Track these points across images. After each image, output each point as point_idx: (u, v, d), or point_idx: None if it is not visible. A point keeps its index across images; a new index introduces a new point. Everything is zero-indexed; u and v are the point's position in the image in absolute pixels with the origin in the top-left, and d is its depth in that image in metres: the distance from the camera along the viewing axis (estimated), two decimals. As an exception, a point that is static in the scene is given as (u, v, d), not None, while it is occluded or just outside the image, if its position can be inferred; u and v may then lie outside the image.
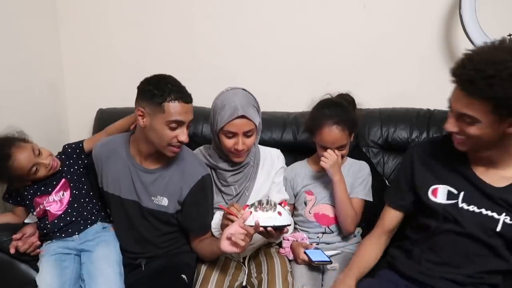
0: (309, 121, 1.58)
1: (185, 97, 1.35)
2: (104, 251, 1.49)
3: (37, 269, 1.47)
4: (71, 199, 1.54)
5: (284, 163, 1.69)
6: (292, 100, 1.99)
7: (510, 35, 1.70)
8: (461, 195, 1.22)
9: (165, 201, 1.46)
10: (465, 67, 1.06)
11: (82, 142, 1.63)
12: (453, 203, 1.22)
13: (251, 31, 2.04)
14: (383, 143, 1.87)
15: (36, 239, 1.52)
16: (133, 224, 1.49)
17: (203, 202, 1.49)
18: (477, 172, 1.21)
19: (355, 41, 2.00)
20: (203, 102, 1.63)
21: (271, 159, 1.65)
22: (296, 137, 1.89)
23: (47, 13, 2.04)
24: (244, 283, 1.50)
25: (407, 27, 1.95)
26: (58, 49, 2.12)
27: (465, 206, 1.21)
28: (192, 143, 1.53)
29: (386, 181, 1.78)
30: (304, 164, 1.70)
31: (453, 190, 1.23)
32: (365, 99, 1.79)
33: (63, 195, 1.54)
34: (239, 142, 1.46)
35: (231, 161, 1.55)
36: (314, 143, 1.60)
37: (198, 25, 2.06)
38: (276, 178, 1.64)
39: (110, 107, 2.01)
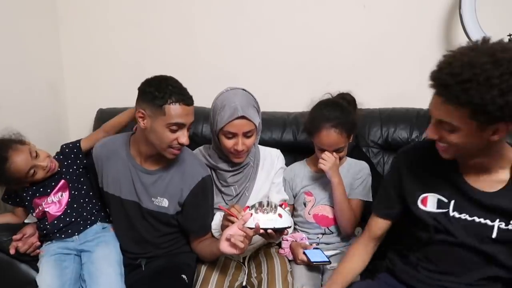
0: (308, 122, 1.57)
1: (186, 99, 1.33)
2: (104, 251, 1.49)
3: (37, 269, 1.47)
4: (70, 199, 1.53)
5: (284, 163, 1.69)
6: (292, 100, 1.99)
7: (510, 35, 1.70)
8: (452, 204, 1.16)
9: (165, 202, 1.45)
10: (441, 70, 0.98)
11: (79, 141, 1.60)
12: (444, 212, 1.16)
13: (251, 31, 2.04)
14: (383, 143, 1.87)
15: (36, 240, 1.52)
16: (133, 225, 1.49)
17: (203, 203, 1.49)
18: (468, 179, 1.14)
19: (355, 41, 1.99)
20: (203, 102, 1.62)
21: (271, 159, 1.65)
22: (296, 137, 1.89)
23: (47, 13, 2.04)
24: (244, 283, 1.50)
25: (407, 27, 1.95)
26: (58, 49, 2.12)
27: (456, 215, 1.15)
28: (192, 143, 1.52)
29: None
30: (303, 164, 1.69)
31: (443, 198, 1.17)
32: (365, 99, 1.79)
33: (61, 196, 1.53)
34: (239, 143, 1.45)
35: (231, 162, 1.55)
36: (313, 143, 1.59)
37: (198, 25, 2.06)
38: (275, 178, 1.64)
39: (110, 107, 2.01)
